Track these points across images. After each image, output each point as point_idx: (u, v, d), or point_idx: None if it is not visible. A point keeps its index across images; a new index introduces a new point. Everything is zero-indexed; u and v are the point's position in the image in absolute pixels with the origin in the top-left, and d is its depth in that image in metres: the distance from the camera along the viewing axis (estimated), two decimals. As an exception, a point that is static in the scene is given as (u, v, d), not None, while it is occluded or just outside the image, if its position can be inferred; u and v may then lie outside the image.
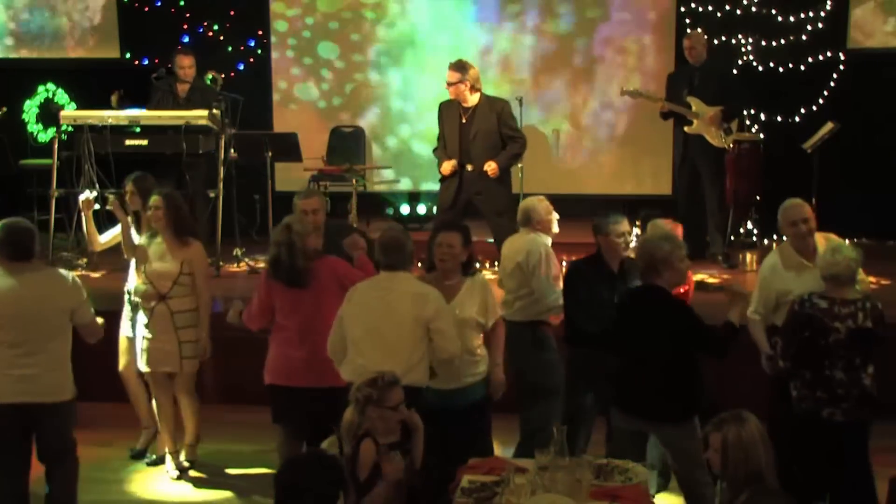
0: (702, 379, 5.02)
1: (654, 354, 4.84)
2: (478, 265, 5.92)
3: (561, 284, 5.76)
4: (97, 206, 6.86)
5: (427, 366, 4.94)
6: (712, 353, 4.91)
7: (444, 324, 4.88)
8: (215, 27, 10.43)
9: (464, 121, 7.67)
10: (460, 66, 7.63)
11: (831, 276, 4.86)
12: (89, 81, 10.25)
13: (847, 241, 5.14)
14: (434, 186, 8.51)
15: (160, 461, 6.26)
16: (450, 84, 7.63)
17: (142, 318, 6.05)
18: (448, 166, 7.70)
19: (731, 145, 8.67)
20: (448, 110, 7.79)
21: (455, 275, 5.23)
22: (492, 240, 7.86)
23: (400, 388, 4.30)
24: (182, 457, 6.19)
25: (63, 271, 5.14)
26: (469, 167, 7.69)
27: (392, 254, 4.96)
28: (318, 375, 5.20)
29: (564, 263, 7.04)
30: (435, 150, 7.99)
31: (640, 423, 4.94)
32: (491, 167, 7.61)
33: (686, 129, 8.58)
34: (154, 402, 6.19)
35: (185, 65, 8.68)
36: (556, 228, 5.98)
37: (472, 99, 7.67)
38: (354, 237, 5.67)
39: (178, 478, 6.08)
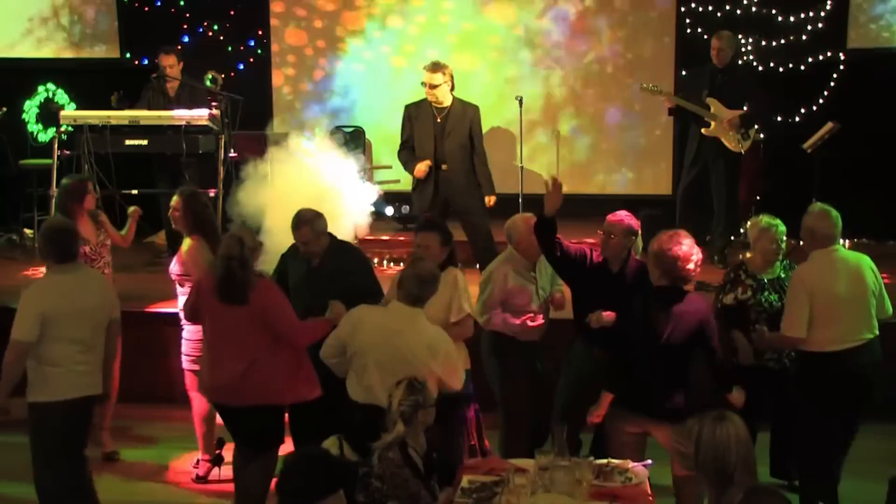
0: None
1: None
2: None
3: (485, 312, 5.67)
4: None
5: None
6: None
7: (449, 371, 4.82)
8: (215, 27, 10.42)
9: (438, 120, 7.56)
10: (440, 67, 7.48)
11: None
12: (89, 81, 10.24)
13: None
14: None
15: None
16: (434, 86, 7.44)
17: None
18: (423, 166, 7.57)
19: (745, 151, 8.45)
20: (420, 111, 7.64)
21: None
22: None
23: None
24: None
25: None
26: (444, 167, 7.59)
27: (425, 288, 4.86)
28: (253, 394, 5.09)
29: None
30: (399, 154, 7.80)
31: None
32: (492, 201, 7.64)
33: (703, 130, 8.32)
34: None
35: (166, 64, 8.69)
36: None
37: (449, 99, 7.56)
38: (339, 308, 5.27)
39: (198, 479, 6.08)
